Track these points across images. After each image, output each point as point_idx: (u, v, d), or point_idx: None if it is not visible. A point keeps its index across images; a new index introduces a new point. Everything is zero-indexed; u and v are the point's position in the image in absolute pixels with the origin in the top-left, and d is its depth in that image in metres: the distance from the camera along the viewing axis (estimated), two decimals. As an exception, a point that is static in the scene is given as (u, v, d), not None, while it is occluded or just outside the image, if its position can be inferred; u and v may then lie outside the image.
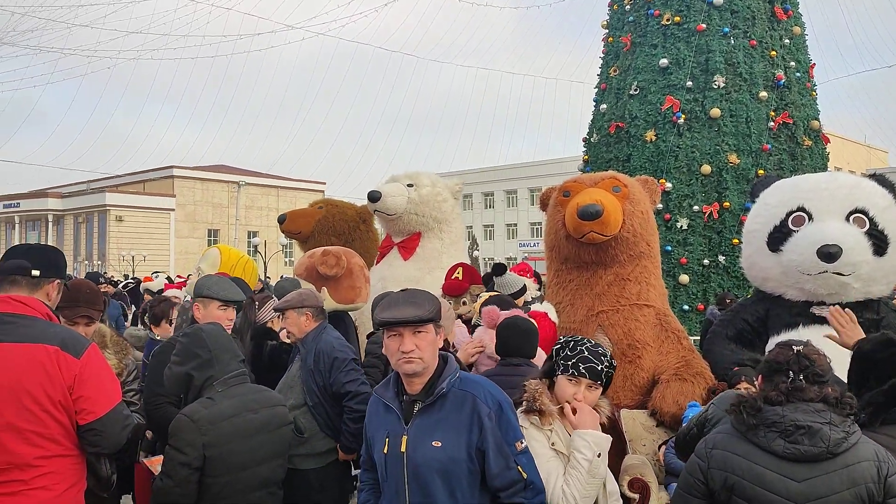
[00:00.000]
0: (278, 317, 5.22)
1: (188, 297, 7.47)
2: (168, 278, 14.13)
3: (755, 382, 2.73)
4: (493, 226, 62.69)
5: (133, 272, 37.33)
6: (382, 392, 2.72)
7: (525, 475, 2.57)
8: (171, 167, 59.32)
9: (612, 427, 4.35)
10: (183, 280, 12.66)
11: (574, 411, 2.80)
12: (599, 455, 2.71)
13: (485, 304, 4.93)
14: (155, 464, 3.19)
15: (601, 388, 2.89)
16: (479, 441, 2.52)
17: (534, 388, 2.86)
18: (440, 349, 2.73)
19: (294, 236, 8.76)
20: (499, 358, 3.91)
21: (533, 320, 4.08)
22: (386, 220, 7.53)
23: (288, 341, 4.81)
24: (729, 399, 3.45)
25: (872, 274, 4.45)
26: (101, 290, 4.17)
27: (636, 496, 4.11)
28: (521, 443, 2.59)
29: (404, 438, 2.57)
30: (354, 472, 4.41)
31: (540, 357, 4.14)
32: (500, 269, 5.92)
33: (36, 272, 2.72)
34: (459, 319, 5.86)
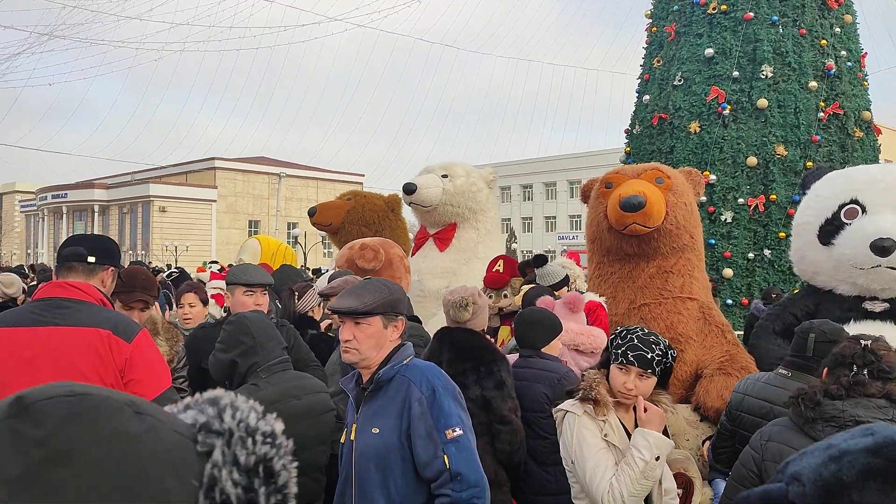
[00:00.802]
0: (318, 305, 5.28)
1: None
2: (221, 268, 14.27)
3: (821, 375, 2.65)
4: (531, 218, 62.38)
5: (175, 262, 38.04)
6: (346, 384, 2.72)
7: (449, 465, 2.42)
8: (214, 159, 60.25)
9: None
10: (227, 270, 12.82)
11: (645, 409, 2.77)
12: (658, 458, 2.68)
13: (525, 295, 4.93)
14: None
15: (654, 378, 2.84)
16: (408, 426, 2.46)
17: (592, 378, 2.85)
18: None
19: (325, 228, 8.84)
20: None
21: (548, 310, 4.08)
22: (421, 211, 7.54)
23: (329, 326, 4.87)
24: (748, 382, 3.45)
25: (928, 269, 4.31)
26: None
27: (679, 491, 4.06)
28: (454, 430, 2.45)
29: (354, 426, 2.57)
30: None
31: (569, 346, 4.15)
32: (540, 259, 5.87)
33: (91, 258, 2.79)
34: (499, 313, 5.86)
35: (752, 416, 3.30)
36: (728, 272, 8.16)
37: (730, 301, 8.11)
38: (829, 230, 4.47)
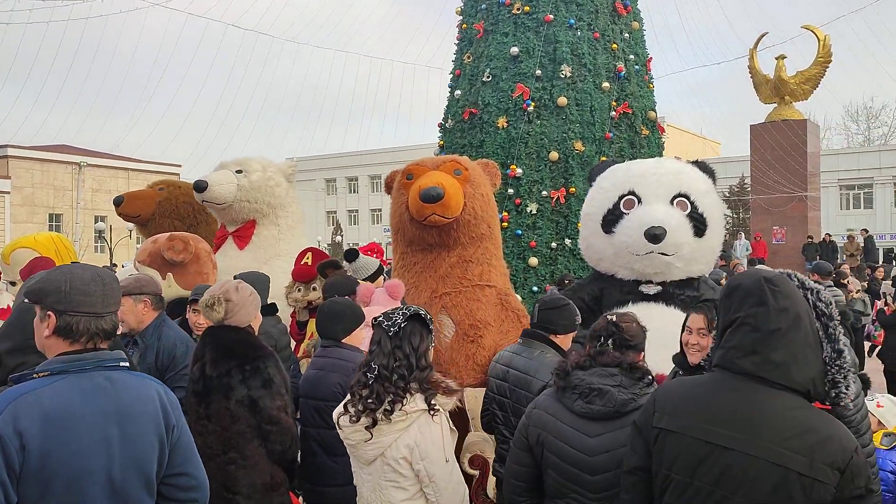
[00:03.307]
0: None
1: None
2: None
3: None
4: (357, 211, 62.30)
5: (-41, 261, 33.93)
6: None
7: None
8: (6, 146, 54.41)
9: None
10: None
11: None
12: None
13: (325, 287, 4.92)
14: None
15: None
16: None
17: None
18: None
19: (132, 220, 8.29)
20: None
21: (350, 301, 4.12)
22: (216, 209, 7.28)
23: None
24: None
25: (693, 254, 4.80)
26: None
27: (476, 472, 4.23)
28: None
29: None
30: None
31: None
32: (351, 254, 5.83)
33: None
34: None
35: (493, 378, 3.83)
36: (533, 261, 8.61)
37: (535, 288, 8.56)
38: (611, 219, 4.85)
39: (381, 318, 2.98)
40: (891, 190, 43.44)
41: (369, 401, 2.82)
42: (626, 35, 9.28)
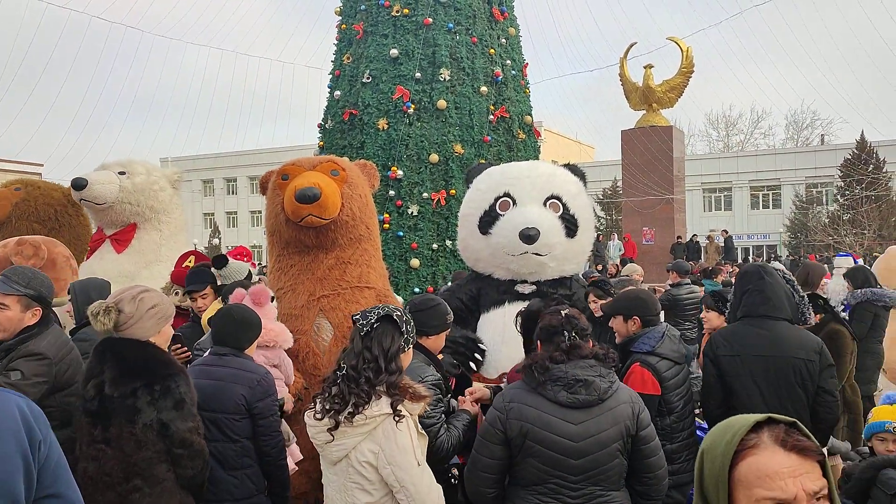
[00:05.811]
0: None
1: None
2: None
3: (535, 347, 3.15)
4: (236, 213, 60.47)
5: None
6: None
7: None
8: None
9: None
10: None
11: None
12: None
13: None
14: None
15: None
16: None
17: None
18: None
19: None
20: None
21: (252, 309, 3.97)
22: (95, 210, 6.96)
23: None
24: None
25: (565, 254, 4.97)
26: None
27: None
28: None
29: None
30: None
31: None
32: (221, 260, 5.62)
33: None
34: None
35: None
36: (415, 262, 8.66)
37: (417, 289, 8.61)
38: (487, 221, 4.94)
39: (357, 316, 2.90)
40: (747, 193, 46.88)
41: (335, 401, 2.74)
42: (503, 41, 9.51)
